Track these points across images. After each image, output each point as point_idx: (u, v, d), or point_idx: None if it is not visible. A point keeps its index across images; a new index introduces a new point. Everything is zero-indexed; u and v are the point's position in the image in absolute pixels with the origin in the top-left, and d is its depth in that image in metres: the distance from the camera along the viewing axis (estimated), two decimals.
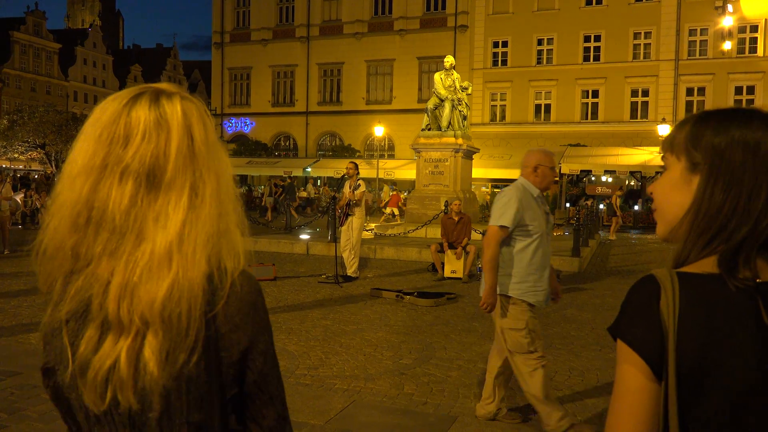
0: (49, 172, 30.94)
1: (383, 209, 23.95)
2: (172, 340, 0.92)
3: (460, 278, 10.40)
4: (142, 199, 0.94)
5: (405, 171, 30.61)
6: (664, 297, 0.95)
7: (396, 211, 22.39)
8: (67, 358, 0.94)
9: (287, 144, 41.33)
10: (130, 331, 0.92)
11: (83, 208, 0.94)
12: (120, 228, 0.93)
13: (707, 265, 0.99)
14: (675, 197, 1.05)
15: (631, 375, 0.96)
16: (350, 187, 10.28)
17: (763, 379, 0.92)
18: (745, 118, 1.02)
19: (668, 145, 1.08)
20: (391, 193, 25.59)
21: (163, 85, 1.01)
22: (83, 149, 0.97)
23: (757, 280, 0.95)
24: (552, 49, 34.03)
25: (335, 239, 10.74)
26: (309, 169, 34.16)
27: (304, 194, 31.54)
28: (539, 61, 34.39)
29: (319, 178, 35.13)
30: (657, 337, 0.95)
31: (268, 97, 40.79)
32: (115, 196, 0.94)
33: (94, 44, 73.31)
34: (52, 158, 24.69)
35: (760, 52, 30.52)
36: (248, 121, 41.34)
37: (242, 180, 37.22)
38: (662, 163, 1.12)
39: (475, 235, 12.34)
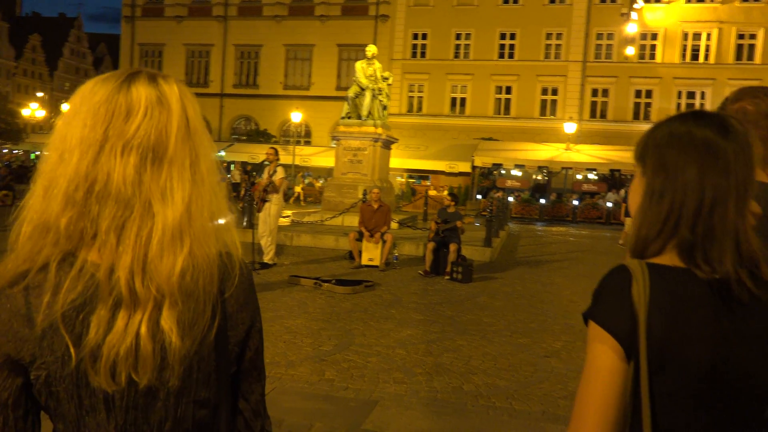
0: None
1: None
2: (191, 311, 0.94)
3: (377, 266, 10.53)
4: (147, 172, 0.94)
5: (322, 158, 30.43)
6: (635, 285, 1.06)
7: None
8: (63, 349, 0.90)
9: None
10: (147, 306, 0.91)
11: (82, 182, 0.92)
12: (129, 199, 0.92)
13: (673, 259, 1.10)
14: (635, 199, 1.18)
15: (605, 355, 1.05)
16: (269, 173, 10.18)
17: (718, 364, 1.04)
18: (682, 118, 1.14)
19: (634, 155, 1.20)
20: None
21: (155, 71, 1.03)
22: (78, 124, 0.94)
23: (716, 276, 1.05)
24: (469, 44, 34.82)
25: (252, 225, 10.59)
26: (222, 153, 33.27)
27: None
28: (456, 55, 35.11)
29: (233, 162, 34.33)
30: (629, 321, 1.05)
31: (181, 76, 39.23)
32: (119, 168, 0.93)
33: None
34: None
35: (658, 58, 32.56)
36: None
37: None
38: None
39: (393, 224, 12.51)
